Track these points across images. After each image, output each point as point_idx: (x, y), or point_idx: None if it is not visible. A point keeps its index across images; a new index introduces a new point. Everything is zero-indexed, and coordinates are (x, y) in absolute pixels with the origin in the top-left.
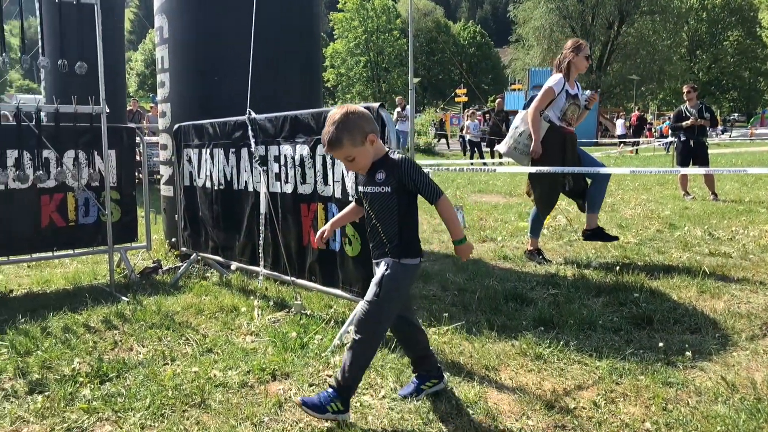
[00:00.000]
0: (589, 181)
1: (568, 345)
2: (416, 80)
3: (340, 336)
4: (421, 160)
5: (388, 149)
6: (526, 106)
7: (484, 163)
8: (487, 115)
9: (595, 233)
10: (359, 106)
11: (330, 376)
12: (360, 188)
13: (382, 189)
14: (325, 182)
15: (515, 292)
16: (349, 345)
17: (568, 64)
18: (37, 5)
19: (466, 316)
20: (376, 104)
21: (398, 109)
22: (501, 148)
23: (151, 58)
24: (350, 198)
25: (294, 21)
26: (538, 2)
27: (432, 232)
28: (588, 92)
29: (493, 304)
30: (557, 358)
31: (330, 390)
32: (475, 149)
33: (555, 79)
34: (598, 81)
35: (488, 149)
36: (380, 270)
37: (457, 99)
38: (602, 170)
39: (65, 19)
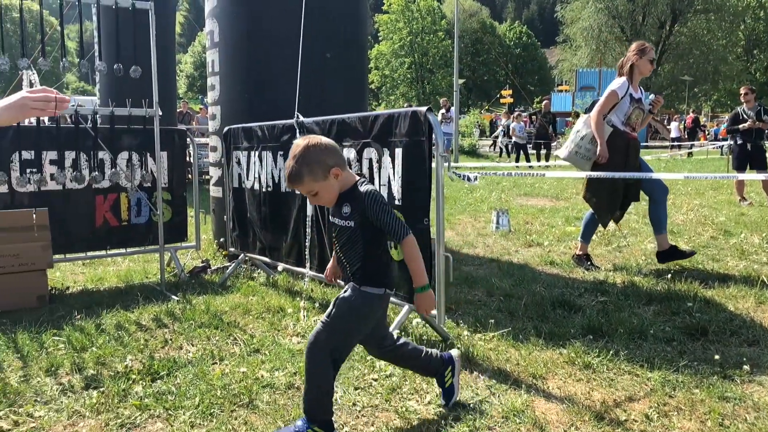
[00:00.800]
0: (641, 195)
1: (617, 354)
2: (461, 81)
3: None
4: (466, 163)
5: (357, 179)
6: (588, 110)
7: (530, 166)
8: (534, 117)
9: (669, 254)
10: (323, 138)
11: (375, 380)
12: (329, 217)
13: (347, 223)
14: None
15: (563, 299)
16: (304, 368)
17: (631, 67)
18: (93, 10)
19: (513, 322)
20: (424, 108)
21: (443, 110)
22: (561, 152)
23: (200, 60)
24: (396, 202)
25: (341, 26)
26: (586, 2)
27: (476, 236)
28: (652, 96)
29: (540, 310)
30: (607, 367)
31: (300, 422)
32: (521, 151)
33: (618, 82)
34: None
35: (534, 151)
36: (340, 293)
37: (502, 100)
38: (654, 175)
39: (122, 23)
